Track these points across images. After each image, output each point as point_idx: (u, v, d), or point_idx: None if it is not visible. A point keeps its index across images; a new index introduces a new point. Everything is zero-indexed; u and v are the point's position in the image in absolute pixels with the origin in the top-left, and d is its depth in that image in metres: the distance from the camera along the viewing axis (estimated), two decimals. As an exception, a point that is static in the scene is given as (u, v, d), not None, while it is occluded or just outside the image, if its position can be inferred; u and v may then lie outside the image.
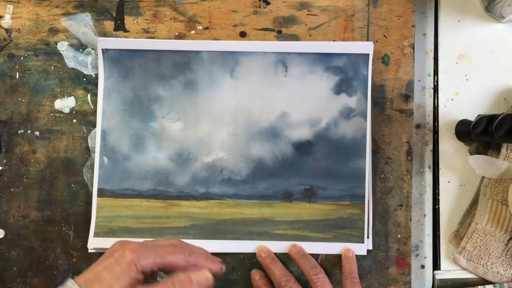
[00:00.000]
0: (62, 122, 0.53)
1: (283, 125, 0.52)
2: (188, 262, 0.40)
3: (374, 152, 0.52)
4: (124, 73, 0.52)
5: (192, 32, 0.53)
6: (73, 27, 0.54)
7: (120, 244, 0.39)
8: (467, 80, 0.55)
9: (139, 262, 0.37)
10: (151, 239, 0.42)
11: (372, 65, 0.52)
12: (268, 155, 0.52)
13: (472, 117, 0.52)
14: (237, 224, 0.52)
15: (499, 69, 0.54)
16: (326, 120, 0.52)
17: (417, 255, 0.54)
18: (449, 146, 0.54)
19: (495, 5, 0.52)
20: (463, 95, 0.54)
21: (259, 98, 0.52)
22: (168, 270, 0.40)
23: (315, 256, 0.51)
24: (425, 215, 0.54)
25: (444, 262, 0.53)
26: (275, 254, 0.51)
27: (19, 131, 0.53)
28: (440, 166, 0.54)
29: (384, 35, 0.53)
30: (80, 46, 0.54)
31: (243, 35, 0.53)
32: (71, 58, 0.53)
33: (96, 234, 0.51)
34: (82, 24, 0.54)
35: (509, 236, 0.50)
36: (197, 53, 0.52)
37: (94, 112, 0.53)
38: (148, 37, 0.53)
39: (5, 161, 0.53)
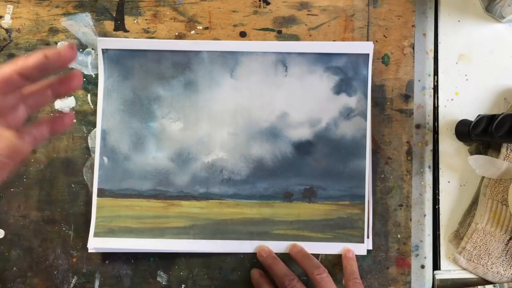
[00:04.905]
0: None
1: (283, 125, 0.52)
2: (46, 55, 0.36)
3: (374, 152, 0.52)
4: (124, 73, 0.52)
5: (192, 32, 0.53)
6: (73, 27, 0.54)
7: None
8: (467, 80, 0.55)
9: None
10: None
11: (372, 65, 0.52)
12: (268, 155, 0.52)
13: (472, 117, 0.52)
14: (237, 224, 0.52)
15: (499, 69, 0.54)
16: (326, 120, 0.52)
17: (417, 255, 0.54)
18: (449, 146, 0.54)
19: (495, 5, 0.52)
20: (463, 95, 0.54)
21: (259, 98, 0.52)
22: (30, 75, 0.36)
23: (315, 256, 0.51)
24: (425, 215, 0.54)
25: (444, 262, 0.53)
26: (275, 254, 0.51)
27: (19, 131, 0.53)
28: (440, 166, 0.54)
29: (384, 35, 0.53)
30: (80, 46, 0.53)
31: (243, 35, 0.53)
32: (71, 58, 0.53)
33: (96, 234, 0.51)
34: (82, 24, 0.54)
35: (509, 236, 0.50)
36: (197, 53, 0.52)
37: (94, 112, 0.53)
38: (148, 37, 0.53)
39: (5, 161, 0.53)
